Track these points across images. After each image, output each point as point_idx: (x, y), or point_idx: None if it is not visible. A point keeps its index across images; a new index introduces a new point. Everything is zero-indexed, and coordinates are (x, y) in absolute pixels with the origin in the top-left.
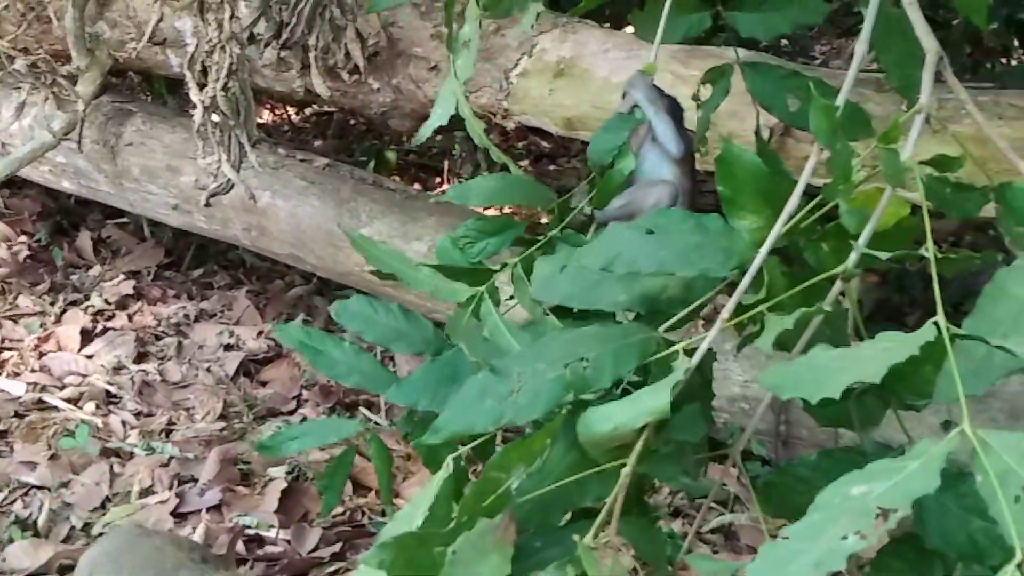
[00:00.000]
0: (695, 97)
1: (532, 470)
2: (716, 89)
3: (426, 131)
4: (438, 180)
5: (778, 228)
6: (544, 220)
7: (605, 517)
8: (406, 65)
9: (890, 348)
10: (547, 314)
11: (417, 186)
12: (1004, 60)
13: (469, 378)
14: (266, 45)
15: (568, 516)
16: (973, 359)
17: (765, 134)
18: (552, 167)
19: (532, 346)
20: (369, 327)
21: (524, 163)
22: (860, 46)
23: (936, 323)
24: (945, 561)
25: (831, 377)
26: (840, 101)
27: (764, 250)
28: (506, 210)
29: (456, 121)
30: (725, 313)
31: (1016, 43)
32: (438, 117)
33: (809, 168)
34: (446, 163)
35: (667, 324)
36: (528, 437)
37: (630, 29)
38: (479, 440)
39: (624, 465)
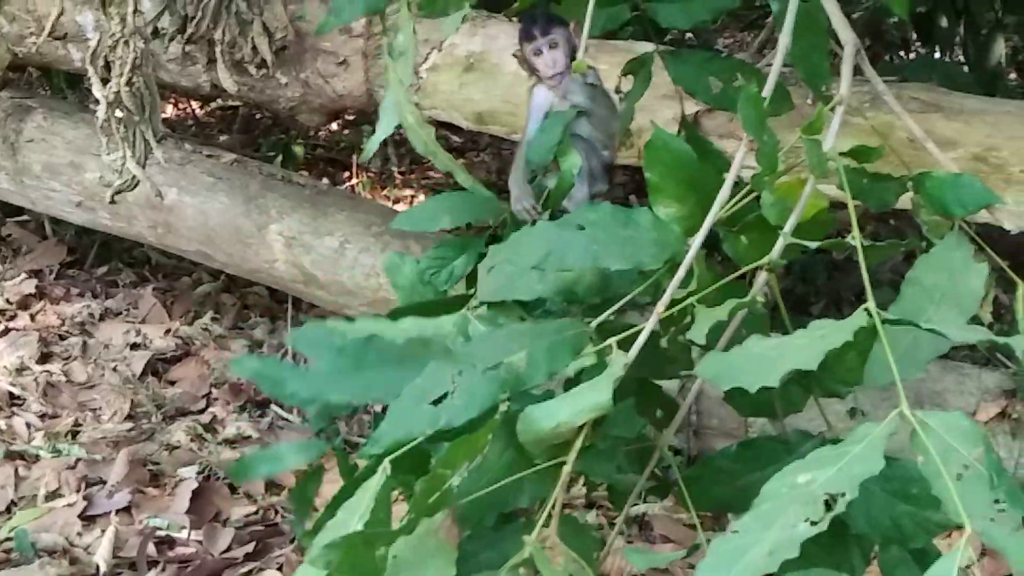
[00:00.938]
0: (617, 89)
1: (472, 467)
2: (637, 80)
3: (373, 145)
4: (346, 174)
5: (710, 220)
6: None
7: (546, 516)
8: (314, 59)
9: (825, 335)
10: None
11: (325, 181)
12: (904, 53)
13: (406, 385)
14: (171, 39)
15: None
16: (900, 345)
17: (676, 126)
18: (461, 161)
19: (466, 347)
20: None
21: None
22: (784, 38)
23: (867, 309)
24: (862, 545)
25: (769, 366)
26: (767, 91)
27: (698, 241)
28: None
29: (370, 113)
30: (660, 307)
31: (915, 36)
32: (384, 128)
33: (738, 161)
34: (354, 157)
35: (600, 318)
36: (472, 434)
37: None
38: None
39: (563, 463)
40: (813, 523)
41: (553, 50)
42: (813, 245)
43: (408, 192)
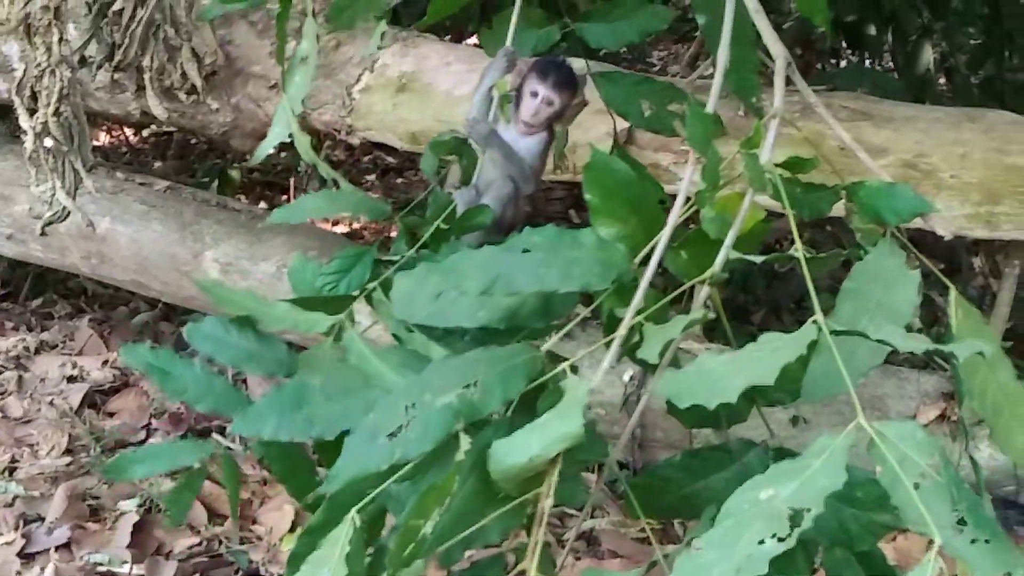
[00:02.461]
0: None
1: (443, 511)
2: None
3: (263, 150)
4: (284, 197)
5: (665, 238)
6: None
7: (526, 550)
8: (245, 84)
9: (778, 348)
10: (411, 331)
11: (263, 204)
12: (834, 62)
13: (360, 420)
14: (99, 67)
15: None
16: (842, 355)
17: (609, 143)
18: (400, 180)
19: (418, 377)
20: (221, 349)
21: (371, 177)
22: (722, 52)
23: (815, 321)
24: (807, 548)
25: (725, 382)
26: (710, 107)
27: (653, 262)
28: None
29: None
30: (623, 329)
31: (845, 45)
32: (275, 136)
33: (688, 177)
34: (291, 180)
35: (550, 343)
36: (441, 480)
37: (471, 41)
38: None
39: (535, 495)
40: (780, 539)
41: (547, 106)
42: (758, 259)
43: (346, 213)
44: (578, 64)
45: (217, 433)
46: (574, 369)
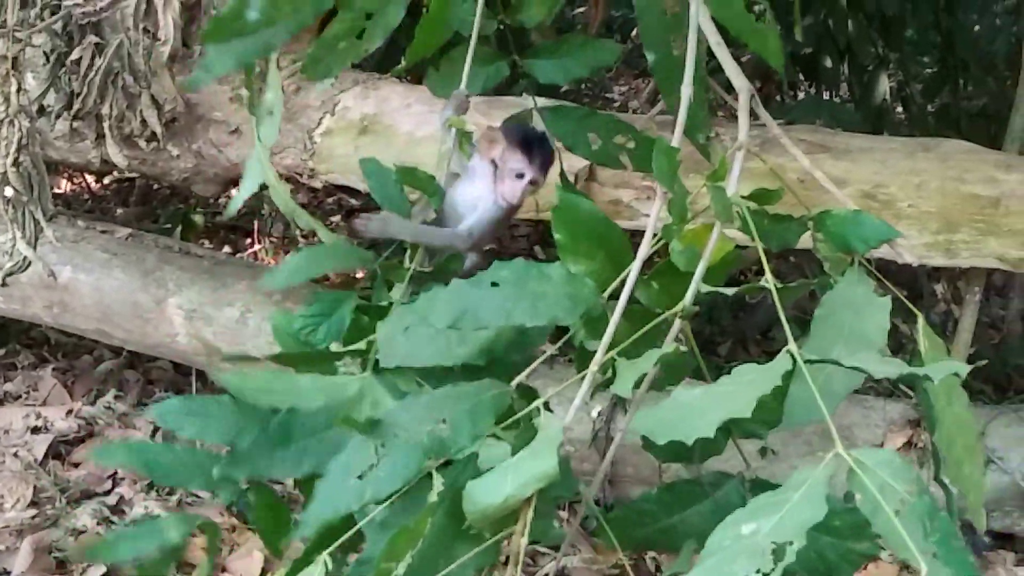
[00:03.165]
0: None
1: (415, 553)
2: None
3: (236, 203)
4: (248, 241)
5: (634, 272)
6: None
7: None
8: (206, 130)
9: (753, 381)
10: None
11: (227, 249)
12: (792, 94)
13: (331, 463)
14: (57, 116)
15: None
16: (816, 384)
17: (572, 176)
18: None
19: (387, 416)
20: (204, 429)
21: (335, 219)
22: (685, 88)
23: (790, 352)
24: None
25: (702, 416)
26: (676, 141)
27: (623, 297)
28: None
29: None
30: (595, 366)
31: (802, 77)
32: (248, 188)
33: (655, 214)
34: (256, 223)
35: (519, 378)
36: (412, 522)
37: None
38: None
39: (508, 534)
40: (765, 575)
41: (529, 185)
42: (729, 291)
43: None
44: (526, 101)
45: None
46: (547, 406)
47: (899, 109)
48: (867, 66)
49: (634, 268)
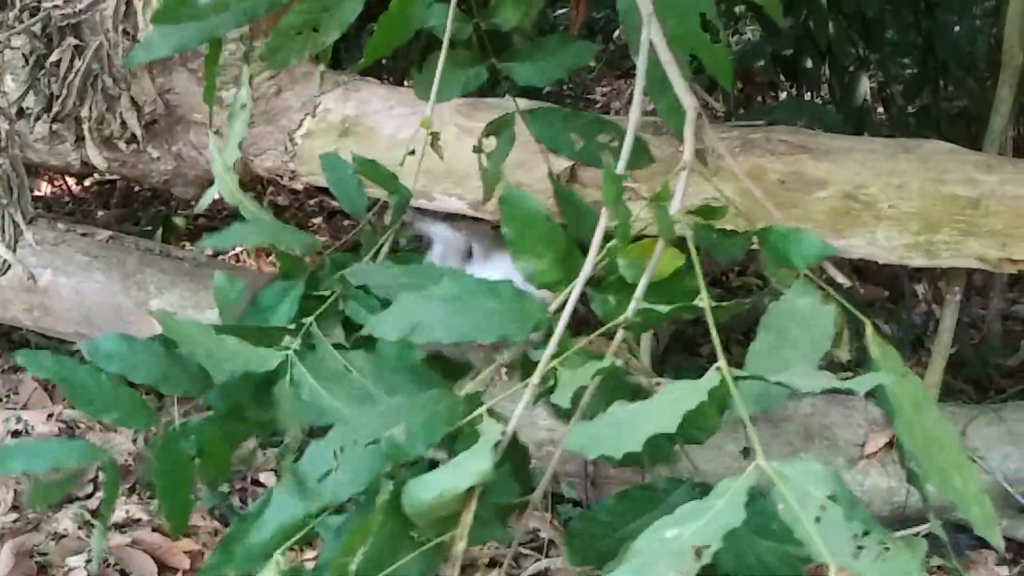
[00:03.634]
0: (476, 148)
1: (364, 551)
2: (502, 139)
3: (207, 200)
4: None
5: (579, 284)
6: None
7: None
8: (186, 131)
9: (680, 397)
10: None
11: (209, 251)
12: (773, 95)
13: (289, 467)
14: (36, 119)
15: None
16: (753, 392)
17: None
18: (346, 222)
19: (346, 421)
20: (131, 368)
21: (317, 220)
22: (638, 92)
23: (719, 368)
24: None
25: (631, 432)
26: (626, 147)
27: (567, 310)
28: None
29: (247, 182)
30: (536, 378)
31: (783, 78)
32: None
33: (602, 225)
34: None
35: (469, 387)
36: (366, 518)
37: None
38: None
39: (450, 536)
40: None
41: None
42: (664, 309)
43: (276, 244)
44: (508, 103)
45: None
46: (492, 412)
47: (880, 110)
48: (848, 67)
49: (579, 281)
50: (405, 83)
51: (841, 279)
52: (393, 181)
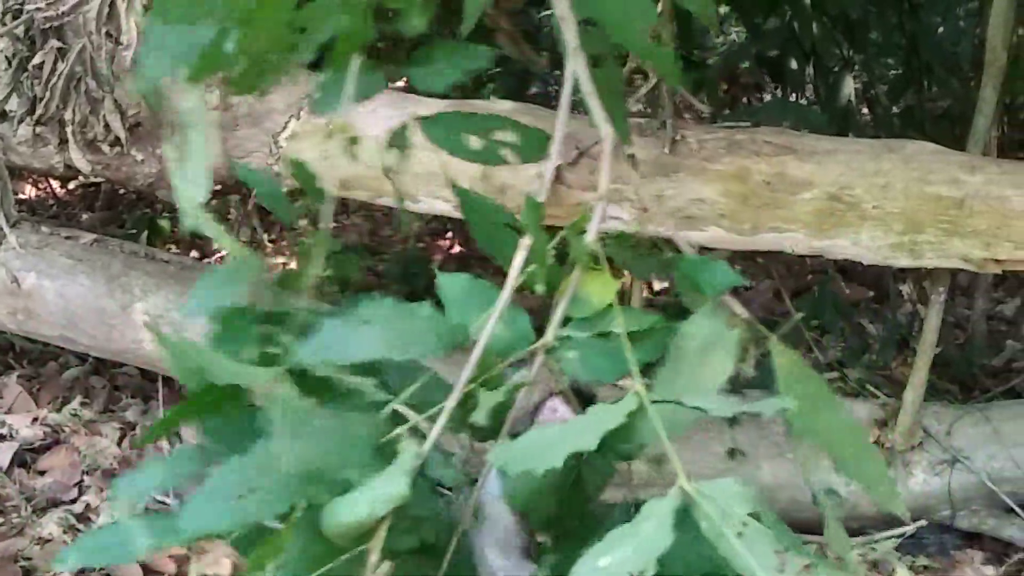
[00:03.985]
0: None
1: (278, 565)
2: (402, 151)
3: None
4: (216, 246)
5: (498, 310)
6: None
7: None
8: (170, 134)
9: (601, 419)
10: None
11: (194, 254)
12: (759, 96)
13: (211, 474)
14: (20, 122)
15: None
16: (667, 413)
17: (537, 184)
18: (332, 225)
19: (272, 442)
20: None
21: (302, 223)
22: (565, 97)
23: (637, 392)
24: None
25: (552, 450)
26: (556, 143)
27: (489, 328)
28: None
29: (233, 185)
30: (452, 401)
31: (768, 79)
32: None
33: (517, 265)
34: (223, 227)
35: (387, 408)
36: (276, 532)
37: (399, 85)
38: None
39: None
40: None
41: None
42: (580, 334)
43: (280, 260)
44: (492, 106)
45: None
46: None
47: (865, 110)
48: (832, 68)
49: (502, 297)
50: (389, 85)
51: (739, 310)
52: (312, 183)
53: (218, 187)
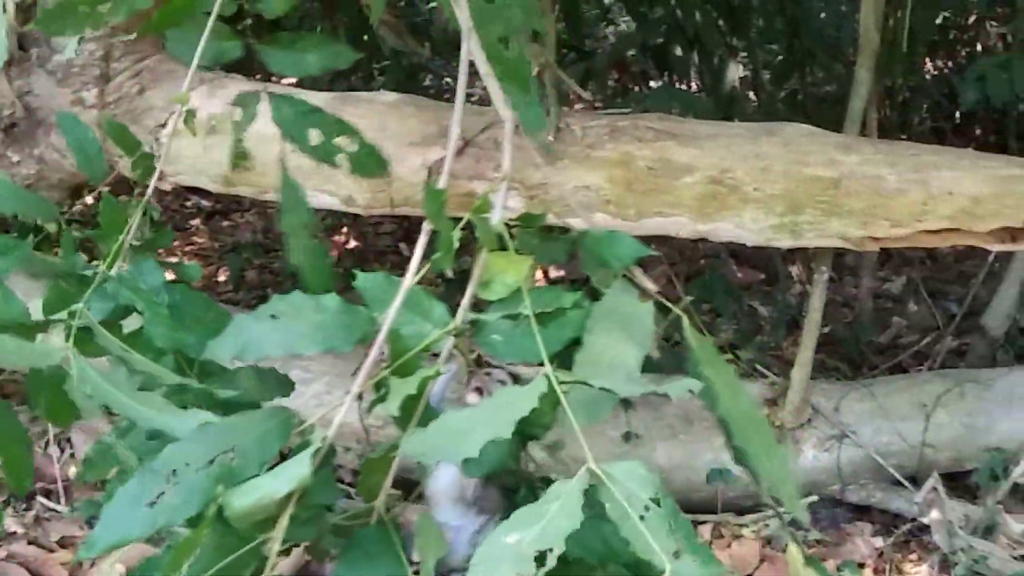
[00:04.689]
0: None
1: (192, 562)
2: (244, 114)
3: None
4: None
5: (399, 299)
6: None
7: None
8: (47, 134)
9: (512, 403)
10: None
11: (84, 257)
12: (649, 85)
13: (119, 488)
14: None
15: None
16: (585, 394)
17: (423, 173)
18: (225, 223)
19: (180, 443)
20: None
21: (195, 221)
22: (458, 106)
23: (547, 375)
24: (583, 567)
25: (466, 437)
26: (448, 157)
27: (389, 318)
28: None
29: (122, 186)
30: (356, 388)
31: (654, 67)
32: None
33: (422, 243)
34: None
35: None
36: (194, 532)
37: (288, 81)
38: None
39: (268, 536)
40: None
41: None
42: (493, 317)
43: (173, 260)
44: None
45: (42, 496)
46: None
47: (752, 96)
48: (717, 55)
49: (399, 295)
50: (273, 79)
51: (648, 285)
52: (136, 148)
53: (107, 187)
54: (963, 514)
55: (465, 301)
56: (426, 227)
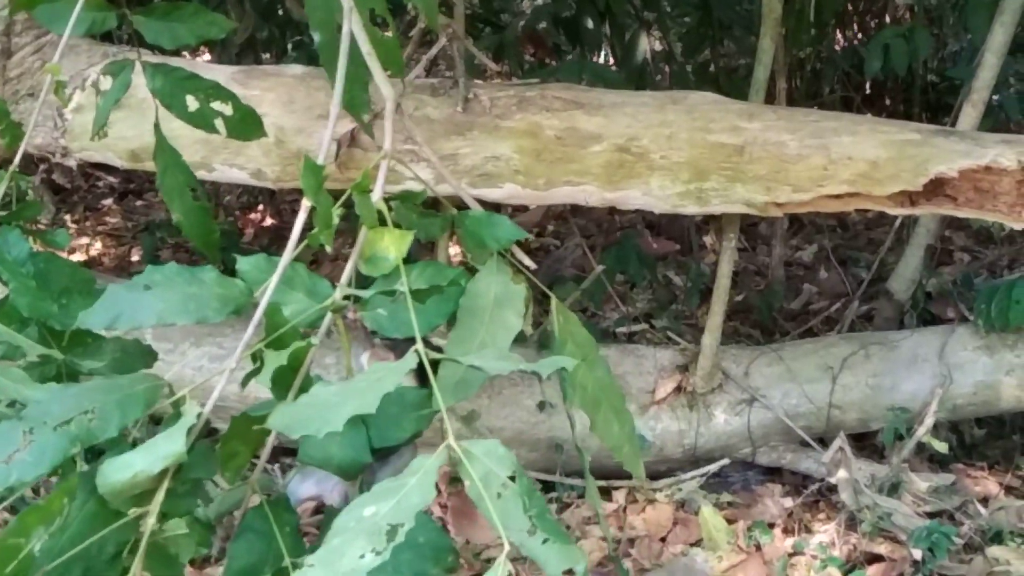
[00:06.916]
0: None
1: (53, 530)
2: (116, 82)
3: None
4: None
5: (277, 275)
6: None
7: (127, 564)
8: None
9: (381, 378)
10: None
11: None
12: (563, 58)
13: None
14: None
15: None
16: (458, 373)
17: (333, 148)
18: (139, 203)
19: (39, 403)
20: None
21: (108, 201)
22: (338, 85)
23: (416, 351)
24: None
25: (333, 412)
26: (326, 139)
27: (267, 297)
28: None
29: (24, 165)
30: (232, 362)
31: (565, 39)
32: None
33: (301, 219)
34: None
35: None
36: (46, 499)
37: (205, 59)
38: None
39: (145, 512)
40: (378, 553)
41: None
42: (364, 294)
43: (84, 240)
44: (286, 69)
45: None
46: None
47: (666, 68)
48: (628, 27)
49: (277, 271)
50: (182, 55)
51: (527, 262)
52: (3, 117)
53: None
54: (869, 473)
55: (344, 277)
56: (305, 203)
